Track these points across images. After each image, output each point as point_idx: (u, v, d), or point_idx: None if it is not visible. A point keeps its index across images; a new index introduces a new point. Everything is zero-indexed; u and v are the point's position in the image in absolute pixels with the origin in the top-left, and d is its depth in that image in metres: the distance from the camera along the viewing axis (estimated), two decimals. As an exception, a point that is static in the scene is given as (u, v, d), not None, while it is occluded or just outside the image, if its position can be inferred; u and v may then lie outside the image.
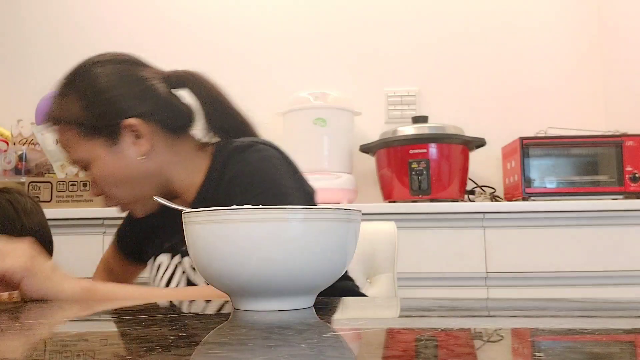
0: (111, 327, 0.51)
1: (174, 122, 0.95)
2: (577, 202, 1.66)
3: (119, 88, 0.91)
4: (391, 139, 1.87)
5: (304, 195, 0.93)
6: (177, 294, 0.86)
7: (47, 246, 1.12)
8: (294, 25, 2.26)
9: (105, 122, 0.90)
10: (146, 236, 1.06)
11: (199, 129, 0.98)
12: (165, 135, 0.93)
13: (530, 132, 1.95)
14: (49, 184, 1.73)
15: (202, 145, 0.98)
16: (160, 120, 0.92)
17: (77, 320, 0.57)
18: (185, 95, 0.97)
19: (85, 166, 0.93)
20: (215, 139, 0.99)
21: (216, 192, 0.91)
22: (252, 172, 0.88)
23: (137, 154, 0.91)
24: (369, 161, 2.05)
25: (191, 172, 0.95)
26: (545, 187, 1.81)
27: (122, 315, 0.59)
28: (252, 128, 1.01)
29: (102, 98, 0.91)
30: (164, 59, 2.36)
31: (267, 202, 0.79)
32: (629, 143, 1.79)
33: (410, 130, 1.86)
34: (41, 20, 2.35)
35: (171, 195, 0.96)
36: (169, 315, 0.57)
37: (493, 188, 2.06)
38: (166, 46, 2.29)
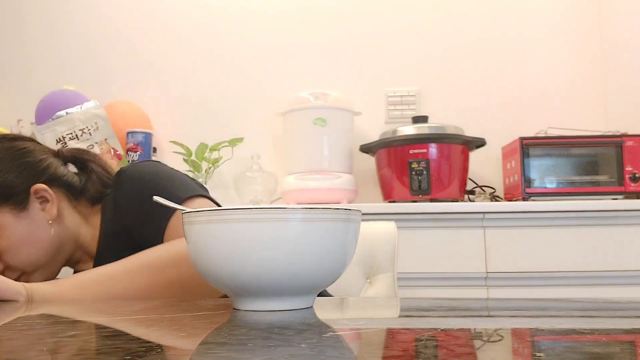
0: (111, 327, 0.51)
1: (72, 187, 0.99)
2: (577, 202, 1.66)
3: (23, 153, 0.96)
4: (391, 139, 1.87)
5: (191, 187, 0.94)
6: (129, 262, 0.83)
7: None
8: (294, 26, 2.26)
9: (13, 190, 0.91)
10: None
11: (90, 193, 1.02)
12: (67, 199, 0.98)
13: (530, 132, 1.96)
14: (49, 184, 1.73)
15: (95, 202, 1.02)
16: (62, 185, 0.98)
17: (77, 320, 0.57)
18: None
19: None
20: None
21: (115, 225, 0.94)
22: (134, 188, 0.92)
23: (46, 218, 0.94)
24: (369, 161, 2.05)
25: (93, 226, 1.00)
26: (545, 187, 1.81)
27: (121, 315, 0.59)
28: None
29: (13, 162, 0.93)
30: (164, 59, 2.37)
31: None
32: (629, 143, 1.79)
33: (410, 130, 1.86)
34: (41, 21, 2.35)
35: (77, 257, 1.00)
36: (169, 316, 0.57)
37: (493, 188, 2.06)
38: (166, 47, 2.29)
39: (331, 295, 1.07)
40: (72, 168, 1.04)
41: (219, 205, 0.95)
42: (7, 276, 0.88)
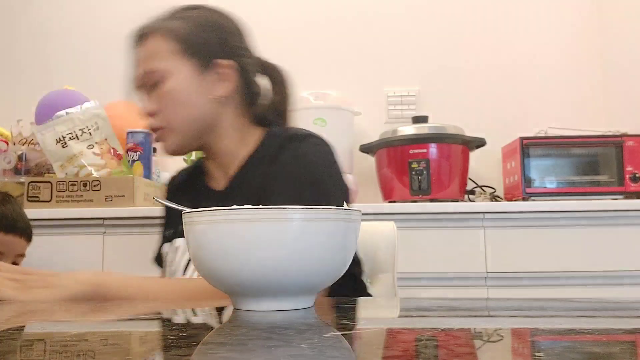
0: (111, 327, 0.51)
1: (250, 90, 0.99)
2: (577, 202, 1.66)
3: (232, 33, 0.99)
4: (391, 139, 1.87)
5: (342, 195, 0.94)
6: (183, 286, 0.86)
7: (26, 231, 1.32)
8: (294, 26, 2.26)
9: (207, 50, 0.94)
10: (167, 222, 1.08)
11: (258, 110, 1.02)
12: (238, 96, 0.98)
13: (530, 132, 1.95)
14: (49, 184, 1.73)
15: (254, 124, 1.01)
16: (244, 79, 0.97)
17: (77, 320, 0.57)
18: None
19: (156, 79, 0.93)
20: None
21: (262, 173, 0.93)
22: (305, 164, 0.90)
23: (213, 92, 0.94)
24: (369, 161, 2.05)
25: (237, 142, 0.98)
26: (545, 187, 1.81)
27: (122, 315, 0.59)
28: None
29: (215, 29, 0.96)
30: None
31: (309, 196, 0.85)
32: (629, 143, 1.79)
33: (410, 130, 1.86)
34: (41, 21, 2.35)
35: (211, 166, 1.00)
36: (169, 316, 0.57)
37: (493, 188, 2.06)
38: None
39: (370, 295, 1.07)
40: (265, 82, 1.03)
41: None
42: (150, 126, 0.95)
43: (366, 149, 1.98)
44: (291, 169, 0.90)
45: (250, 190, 0.93)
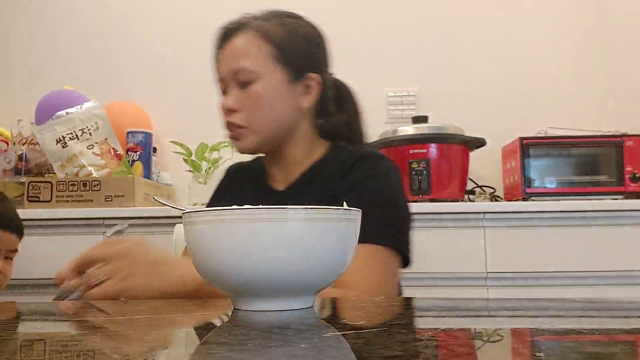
0: (111, 327, 0.51)
1: (324, 104, 1.03)
2: (577, 202, 1.66)
3: (322, 47, 1.03)
4: (391, 139, 1.87)
5: (410, 218, 0.97)
6: None
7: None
8: (294, 25, 2.26)
9: (300, 61, 0.97)
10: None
11: (327, 124, 1.05)
12: (316, 107, 1.01)
13: (530, 132, 1.95)
14: (49, 184, 1.73)
15: (321, 137, 1.05)
16: (324, 92, 1.01)
17: (78, 320, 0.57)
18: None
19: (247, 79, 0.94)
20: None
21: (330, 182, 0.95)
22: (383, 183, 0.94)
23: (298, 102, 0.98)
24: (369, 161, 2.05)
25: (305, 151, 1.01)
26: (545, 187, 1.81)
27: (122, 315, 0.59)
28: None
29: (310, 42, 1.00)
30: (165, 59, 2.37)
31: (387, 215, 0.89)
32: (629, 143, 1.79)
33: (410, 130, 1.86)
34: (41, 21, 2.35)
35: (276, 170, 1.03)
36: (169, 316, 0.57)
37: (493, 188, 2.06)
38: (167, 47, 2.29)
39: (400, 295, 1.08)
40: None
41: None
42: (227, 127, 0.96)
43: (366, 149, 1.98)
44: (369, 185, 0.93)
45: (313, 196, 0.95)
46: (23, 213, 1.51)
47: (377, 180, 0.93)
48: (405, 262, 0.92)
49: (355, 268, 0.70)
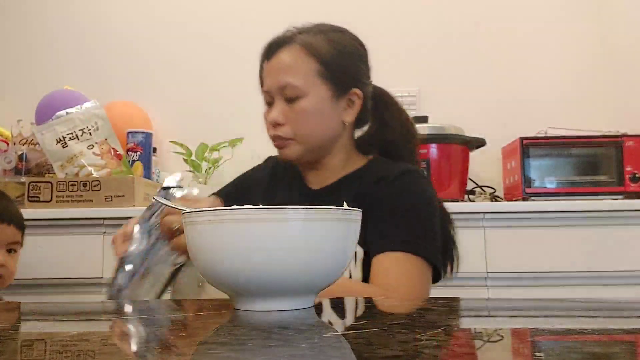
0: (111, 327, 0.51)
1: (363, 117, 1.05)
2: (577, 202, 1.66)
3: (365, 62, 1.06)
4: (391, 139, 1.87)
5: (438, 235, 0.99)
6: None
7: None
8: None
9: (345, 78, 0.99)
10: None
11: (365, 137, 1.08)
12: (357, 119, 1.03)
13: (530, 132, 1.95)
14: (49, 184, 1.73)
15: (357, 147, 1.07)
16: (364, 106, 1.03)
17: (78, 320, 0.57)
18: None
19: (293, 95, 0.96)
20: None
21: (368, 189, 0.97)
22: (424, 200, 0.98)
23: (342, 117, 1.00)
24: (369, 161, 2.05)
25: (342, 162, 1.04)
26: (545, 187, 1.81)
27: (122, 315, 0.59)
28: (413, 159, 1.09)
29: (354, 57, 1.03)
30: (165, 59, 2.37)
31: (420, 230, 0.94)
32: (629, 143, 1.79)
33: (410, 130, 1.86)
34: (41, 21, 2.35)
35: (313, 163, 1.04)
36: (169, 316, 0.57)
37: (493, 188, 2.06)
38: (167, 47, 2.29)
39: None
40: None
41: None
42: (274, 137, 0.99)
43: (366, 149, 1.98)
44: (408, 199, 0.96)
45: (348, 199, 0.94)
46: (23, 213, 1.51)
47: (419, 197, 0.97)
48: (436, 277, 0.98)
49: (397, 274, 0.85)
